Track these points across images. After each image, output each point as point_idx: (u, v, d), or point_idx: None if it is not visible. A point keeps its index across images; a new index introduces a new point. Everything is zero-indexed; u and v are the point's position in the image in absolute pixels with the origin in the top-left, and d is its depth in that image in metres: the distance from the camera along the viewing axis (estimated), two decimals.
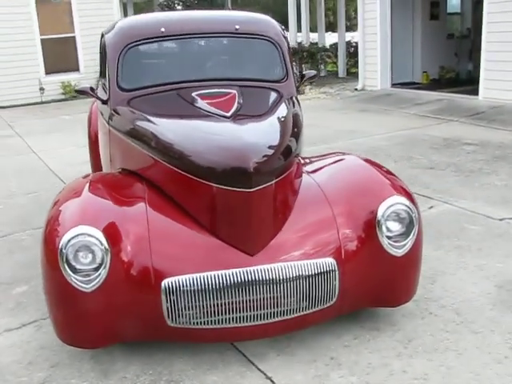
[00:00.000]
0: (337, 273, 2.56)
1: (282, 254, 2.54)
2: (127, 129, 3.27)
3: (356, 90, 10.95)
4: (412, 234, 2.65)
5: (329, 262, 2.55)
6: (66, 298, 2.50)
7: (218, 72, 3.70)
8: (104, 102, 3.63)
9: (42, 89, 11.91)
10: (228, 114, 2.90)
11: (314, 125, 8.14)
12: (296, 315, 2.56)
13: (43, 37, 12.25)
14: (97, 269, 2.43)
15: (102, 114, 3.85)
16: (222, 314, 2.48)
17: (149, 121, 3.17)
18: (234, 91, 3.29)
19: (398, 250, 2.63)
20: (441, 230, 4.08)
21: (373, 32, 10.52)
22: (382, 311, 2.96)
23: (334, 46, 13.58)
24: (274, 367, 2.60)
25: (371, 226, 2.62)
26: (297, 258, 2.53)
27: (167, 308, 2.47)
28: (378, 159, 6.03)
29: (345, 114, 8.92)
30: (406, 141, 6.88)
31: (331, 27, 24.02)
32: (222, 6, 15.25)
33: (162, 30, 3.62)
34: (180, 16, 4.02)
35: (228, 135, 2.71)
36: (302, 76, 4.03)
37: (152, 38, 3.63)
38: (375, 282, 2.68)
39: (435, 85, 10.71)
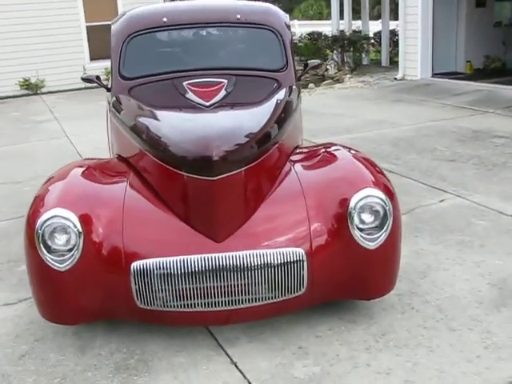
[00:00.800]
0: (305, 263, 2.54)
1: (250, 241, 2.55)
2: (121, 117, 3.35)
3: (395, 79, 10.67)
4: (386, 228, 2.59)
5: (297, 251, 2.53)
6: (42, 276, 2.61)
7: (217, 61, 3.72)
8: (108, 90, 3.74)
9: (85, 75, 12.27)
10: (207, 104, 2.92)
11: (343, 114, 8.05)
12: (264, 303, 2.56)
13: (88, 24, 12.57)
14: (70, 250, 2.52)
15: (108, 102, 3.96)
16: (188, 299, 2.52)
17: (137, 110, 3.24)
18: (225, 80, 3.30)
19: (371, 242, 2.59)
20: (446, 224, 3.96)
21: (414, 20, 10.19)
22: (363, 304, 2.92)
23: (379, 35, 13.28)
24: (242, 353, 2.63)
25: (343, 217, 2.59)
26: (264, 247, 2.53)
27: (136, 290, 2.54)
28: (400, 150, 5.97)
29: (378, 104, 8.72)
30: (434, 132, 6.67)
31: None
32: None
33: (165, 19, 3.68)
34: (184, 6, 4.06)
35: (198, 124, 2.73)
36: (306, 65, 3.99)
37: (154, 28, 3.70)
38: (347, 274, 2.64)
39: (478, 75, 10.29)
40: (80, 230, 2.51)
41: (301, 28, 22.95)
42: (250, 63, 3.71)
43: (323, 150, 3.16)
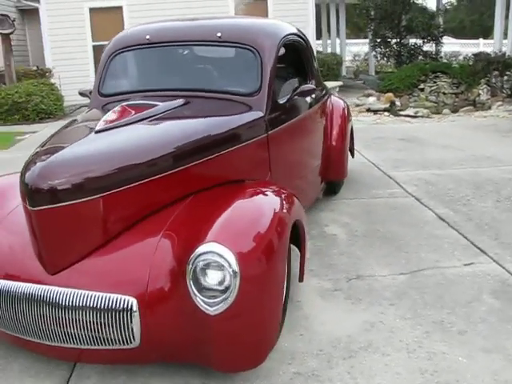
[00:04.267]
0: (136, 314, 2.17)
1: (81, 279, 2.27)
2: None
3: None
4: (229, 294, 2.10)
5: (126, 299, 2.17)
6: None
7: (183, 82, 3.49)
8: None
9: None
10: (97, 128, 2.63)
11: (452, 146, 7.03)
12: (87, 347, 2.26)
13: None
14: None
15: None
16: (18, 325, 2.35)
17: (62, 130, 3.07)
18: (161, 103, 3.01)
19: (210, 307, 2.12)
20: (444, 295, 3.12)
21: None
22: (244, 374, 2.40)
23: None
24: None
25: (184, 272, 2.17)
26: (91, 288, 2.22)
27: None
28: (478, 195, 4.97)
29: (504, 138, 7.42)
30: None
31: None
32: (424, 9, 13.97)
33: (148, 37, 3.58)
34: (170, 24, 3.86)
35: (55, 152, 2.42)
36: (295, 89, 3.48)
37: (135, 46, 3.62)
38: (188, 337, 2.20)
39: None
40: None
41: (485, 47, 21.02)
42: (218, 85, 3.40)
43: (246, 188, 2.72)
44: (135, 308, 2.16)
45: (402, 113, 9.95)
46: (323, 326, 2.85)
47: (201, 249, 2.13)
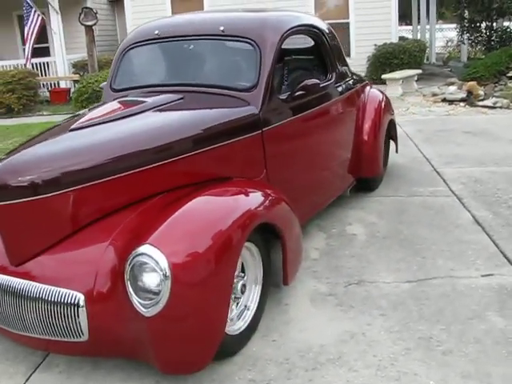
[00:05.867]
0: (83, 309, 2.20)
1: (38, 272, 2.34)
2: None
3: None
4: (160, 297, 2.07)
5: (73, 295, 2.21)
6: None
7: (185, 77, 3.46)
8: None
9: None
10: (73, 126, 2.66)
11: None
12: (39, 337, 2.33)
13: None
14: None
15: None
16: None
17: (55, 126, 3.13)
18: (149, 100, 2.99)
19: (144, 308, 2.11)
20: (445, 309, 2.86)
21: None
22: (199, 375, 2.36)
23: None
24: (41, 380, 2.47)
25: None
26: (47, 281, 2.28)
27: None
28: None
29: None
30: None
31: None
32: None
33: (156, 32, 3.58)
34: (179, 18, 3.81)
35: (24, 149, 2.51)
36: (298, 83, 3.32)
37: (144, 41, 3.65)
38: (132, 337, 2.21)
39: None
40: None
41: None
42: (218, 80, 3.32)
43: (213, 189, 2.63)
44: (82, 303, 2.19)
45: (479, 103, 9.25)
46: (301, 333, 2.72)
47: (136, 250, 2.13)
